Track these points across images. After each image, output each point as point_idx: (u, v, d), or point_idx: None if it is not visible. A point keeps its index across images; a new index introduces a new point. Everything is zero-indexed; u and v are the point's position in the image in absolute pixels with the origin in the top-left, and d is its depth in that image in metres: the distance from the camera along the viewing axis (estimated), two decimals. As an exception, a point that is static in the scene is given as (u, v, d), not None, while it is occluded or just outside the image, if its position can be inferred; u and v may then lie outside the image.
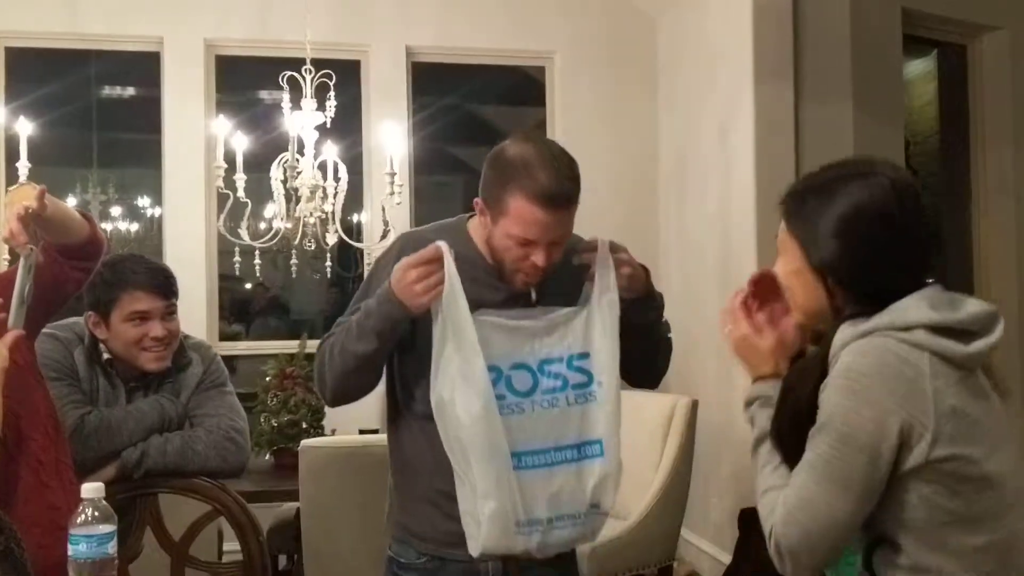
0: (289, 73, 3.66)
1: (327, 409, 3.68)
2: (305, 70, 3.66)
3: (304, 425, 3.55)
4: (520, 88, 5.78)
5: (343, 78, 4.03)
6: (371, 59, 4.88)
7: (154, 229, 5.88)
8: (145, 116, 5.02)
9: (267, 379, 3.63)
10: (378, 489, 2.81)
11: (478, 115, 7.08)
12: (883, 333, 1.34)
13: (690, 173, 4.76)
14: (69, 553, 1.37)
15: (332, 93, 3.70)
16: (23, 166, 3.57)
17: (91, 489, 1.40)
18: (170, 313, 2.13)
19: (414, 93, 5.01)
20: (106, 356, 2.13)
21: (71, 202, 5.96)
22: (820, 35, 4.15)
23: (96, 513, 1.39)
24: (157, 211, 5.77)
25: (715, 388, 4.25)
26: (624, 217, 5.06)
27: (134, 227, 6.28)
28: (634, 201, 5.07)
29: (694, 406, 3.69)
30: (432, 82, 5.33)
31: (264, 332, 6.21)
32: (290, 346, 4.39)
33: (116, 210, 6.03)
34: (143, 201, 5.89)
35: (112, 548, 1.39)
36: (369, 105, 4.88)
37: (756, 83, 4.09)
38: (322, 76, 3.68)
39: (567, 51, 5.09)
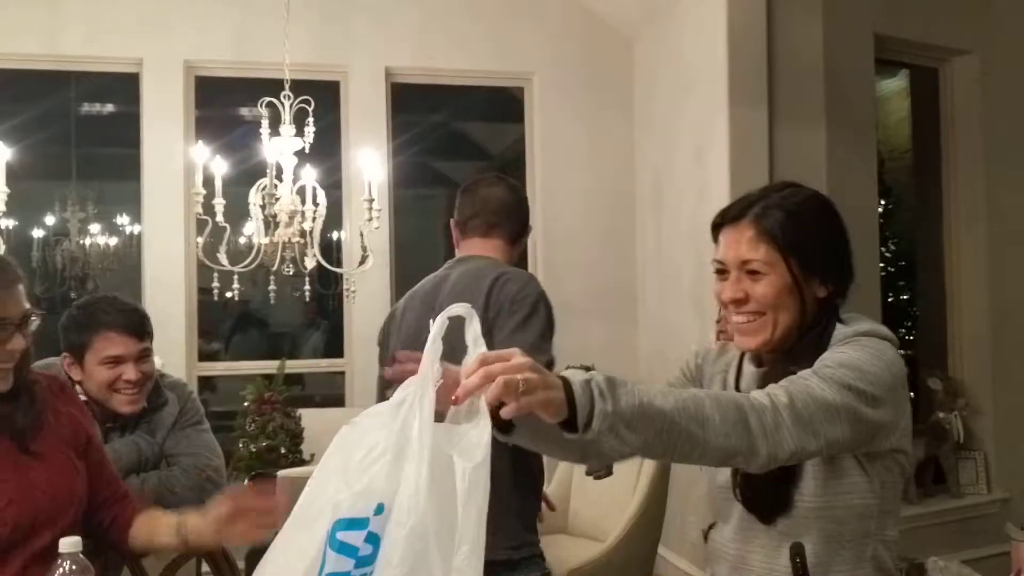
0: (268, 99, 3.68)
1: (305, 434, 3.71)
2: (284, 95, 3.68)
3: (283, 451, 3.57)
4: (501, 105, 5.82)
5: (321, 99, 4.05)
6: (350, 80, 4.91)
7: (133, 245, 5.88)
8: (124, 131, 5.03)
9: (245, 404, 3.64)
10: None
11: (459, 131, 7.11)
12: (878, 337, 1.47)
13: (666, 194, 4.82)
14: (45, 609, 1.39)
15: (311, 120, 3.71)
16: (1, 191, 3.56)
17: (68, 543, 1.42)
18: (144, 356, 2.15)
19: (395, 110, 5.05)
20: (83, 397, 2.14)
21: (49, 220, 5.96)
22: (793, 60, 4.21)
23: (74, 567, 1.41)
24: (136, 228, 5.78)
25: (691, 408, 4.29)
26: (601, 236, 5.12)
27: (112, 241, 6.27)
28: (612, 220, 5.13)
29: (670, 429, 3.72)
30: (413, 99, 5.36)
31: (243, 349, 6.22)
32: (269, 366, 4.43)
33: (95, 226, 6.01)
34: (123, 219, 5.88)
35: (87, 603, 1.41)
36: (348, 126, 4.91)
37: (731, 105, 4.15)
38: (301, 102, 3.69)
39: (545, 71, 5.13)
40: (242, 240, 4.48)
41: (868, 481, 1.46)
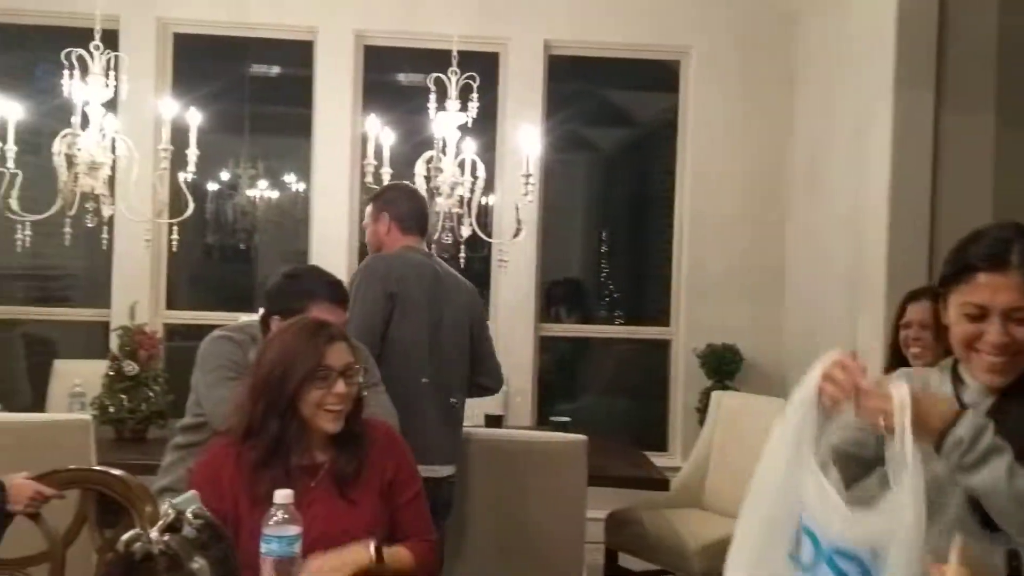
0: (436, 74, 3.84)
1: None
2: (451, 71, 3.83)
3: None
4: (652, 73, 5.83)
5: (479, 69, 4.19)
6: (510, 52, 5.04)
7: (298, 201, 6.23)
8: (293, 92, 5.33)
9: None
10: (507, 480, 3.02)
11: (607, 98, 7.14)
12: None
13: (822, 174, 4.76)
14: (262, 551, 1.60)
15: (475, 95, 3.85)
16: (192, 153, 3.87)
17: (282, 495, 1.63)
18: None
19: (548, 79, 5.16)
20: None
21: (223, 176, 6.36)
22: (965, 44, 4.07)
23: (286, 516, 1.62)
24: (301, 185, 6.11)
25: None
26: (750, 214, 5.11)
27: (275, 195, 6.63)
28: (762, 198, 5.10)
29: (814, 414, 3.74)
30: (562, 66, 5.44)
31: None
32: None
33: (263, 182, 6.39)
34: (289, 176, 6.22)
35: (297, 548, 1.62)
36: (506, 97, 5.05)
37: (896, 87, 4.05)
38: (467, 77, 3.85)
39: (703, 45, 5.12)
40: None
41: None
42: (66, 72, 3.59)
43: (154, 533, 1.22)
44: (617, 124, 7.50)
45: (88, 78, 3.62)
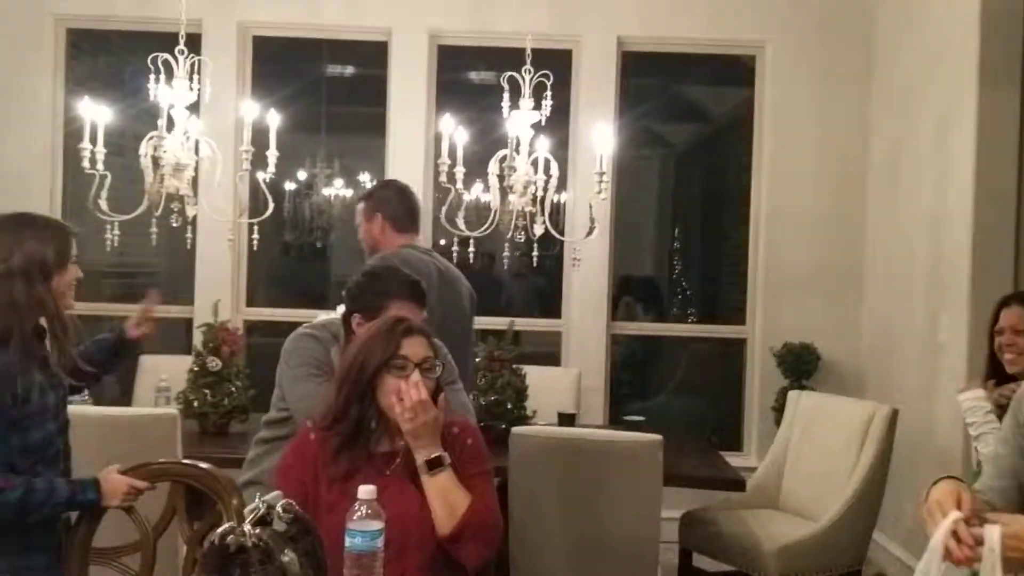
0: (509, 73, 3.85)
1: (528, 391, 3.93)
2: (525, 70, 3.85)
3: (508, 406, 3.80)
4: (726, 67, 5.76)
5: (551, 67, 4.19)
6: (583, 49, 5.04)
7: (371, 199, 6.32)
8: (368, 92, 5.40)
9: (476, 360, 3.89)
10: (582, 479, 3.03)
11: (680, 93, 7.07)
12: None
13: (903, 171, 4.65)
14: (345, 545, 1.63)
15: (549, 93, 3.86)
16: (272, 154, 3.95)
17: (366, 491, 1.66)
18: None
19: (621, 75, 5.14)
20: None
21: (301, 176, 6.49)
22: (1055, 38, 3.94)
23: (369, 511, 1.65)
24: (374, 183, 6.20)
25: (916, 396, 4.19)
26: (828, 209, 5.02)
27: (349, 193, 6.72)
28: (841, 194, 5.01)
29: (894, 416, 3.67)
30: (634, 62, 5.42)
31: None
32: (489, 322, 4.73)
33: (339, 181, 6.50)
34: (363, 175, 6.31)
35: (380, 543, 1.65)
36: (579, 94, 5.05)
37: (980, 84, 3.94)
38: (540, 76, 3.85)
39: (779, 40, 5.04)
40: (465, 198, 4.73)
41: None
42: (152, 76, 3.71)
43: (247, 526, 1.26)
44: (690, 120, 7.42)
45: (173, 82, 3.73)
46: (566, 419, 3.91)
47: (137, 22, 4.90)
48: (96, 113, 3.68)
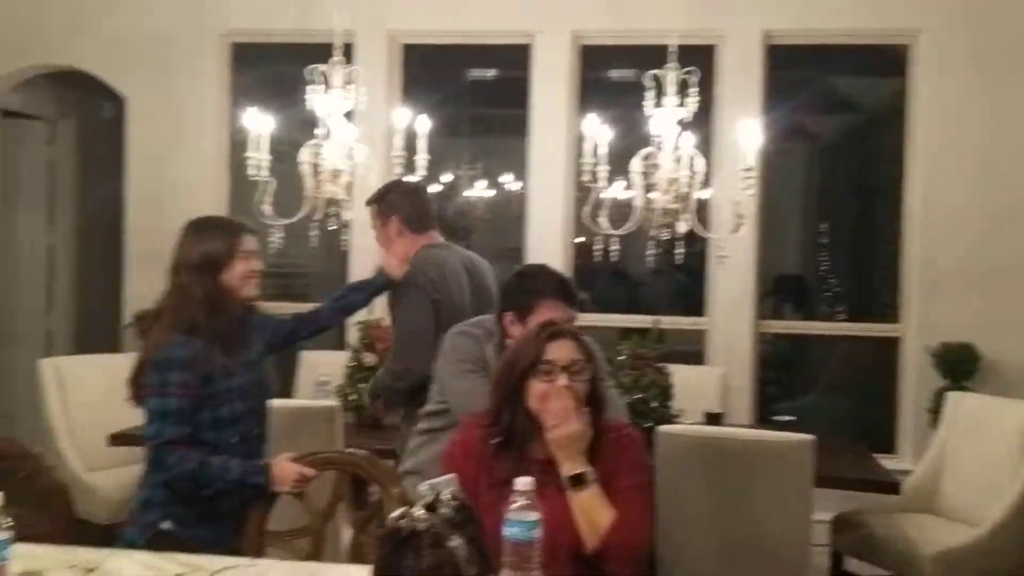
0: (653, 72, 3.86)
1: (674, 390, 3.93)
2: (669, 67, 3.84)
3: (653, 404, 3.80)
4: (875, 57, 5.57)
5: (693, 62, 4.16)
6: (727, 44, 4.98)
7: (512, 200, 6.43)
8: (509, 94, 5.50)
9: (620, 358, 3.92)
10: (730, 479, 3.02)
11: (827, 85, 6.88)
12: None
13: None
14: (503, 534, 1.70)
15: (693, 90, 3.84)
16: (421, 158, 4.09)
17: (523, 483, 1.72)
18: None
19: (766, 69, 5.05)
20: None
21: (445, 178, 6.67)
22: None
23: (526, 502, 1.71)
24: (516, 185, 6.31)
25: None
26: (988, 205, 4.79)
27: (489, 194, 6.86)
28: (1001, 188, 4.76)
29: (1063, 420, 3.48)
30: (783, 55, 5.30)
31: (604, 300, 6.56)
32: (629, 320, 4.75)
33: (481, 182, 6.65)
34: (505, 176, 6.43)
35: (536, 533, 1.71)
36: (724, 89, 4.99)
37: None
38: (685, 72, 3.84)
39: (934, 28, 4.84)
40: (604, 196, 4.75)
41: None
42: (309, 87, 3.91)
43: (418, 511, 1.34)
44: (838, 111, 7.21)
45: (329, 91, 3.92)
46: (713, 418, 3.88)
47: (295, 35, 5.15)
48: (260, 123, 3.91)
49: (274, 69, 5.89)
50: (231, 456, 2.30)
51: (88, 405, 4.13)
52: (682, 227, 4.10)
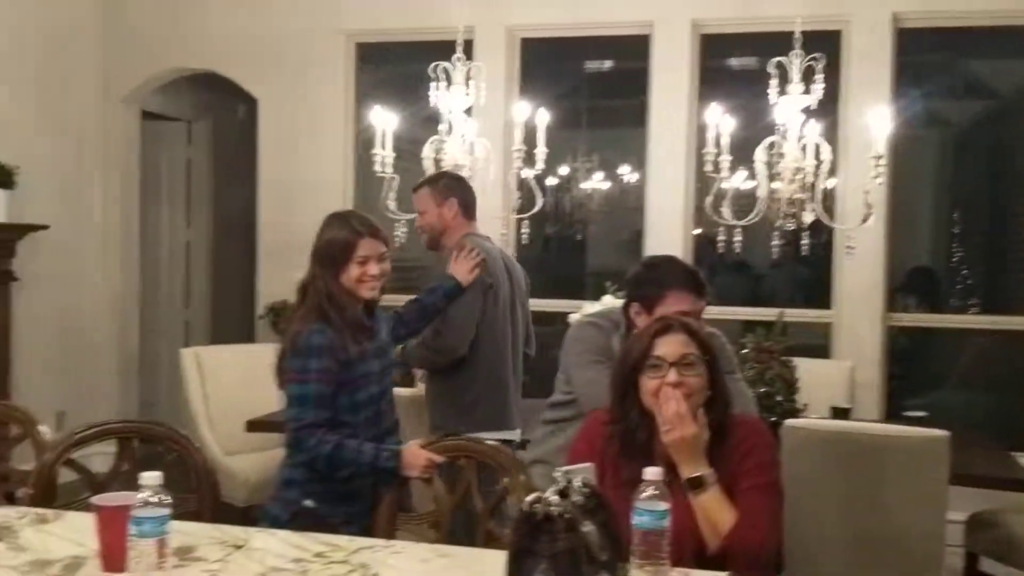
0: (777, 59, 3.78)
1: (799, 384, 3.85)
2: (793, 54, 3.76)
3: (778, 398, 3.74)
4: (1015, 40, 5.31)
5: (821, 48, 4.06)
6: (853, 29, 4.84)
7: (628, 192, 6.41)
8: (626, 85, 5.48)
9: (744, 351, 3.86)
10: (859, 475, 2.94)
11: (963, 71, 6.59)
12: None
13: None
14: (632, 523, 1.71)
15: (819, 76, 3.75)
16: (541, 151, 4.12)
17: (652, 472, 1.74)
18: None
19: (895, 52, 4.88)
20: None
21: (563, 171, 6.69)
22: None
23: (656, 492, 1.72)
24: (633, 176, 6.29)
25: None
26: None
27: (605, 186, 6.84)
28: None
29: None
30: (912, 39, 5.11)
31: (725, 292, 6.47)
32: (749, 312, 4.66)
33: (598, 174, 6.64)
34: (622, 168, 6.42)
35: (666, 523, 1.71)
36: (850, 75, 4.85)
37: None
38: (810, 59, 3.75)
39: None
40: (726, 186, 4.68)
41: None
42: (432, 83, 3.99)
43: (552, 496, 1.37)
44: (972, 96, 6.90)
45: (451, 87, 4.00)
46: (840, 413, 3.79)
47: (416, 33, 5.26)
48: (384, 120, 4.02)
49: (393, 68, 6.03)
50: (365, 440, 2.39)
51: (226, 392, 4.34)
52: (808, 217, 4.01)
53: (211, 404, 4.35)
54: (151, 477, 1.58)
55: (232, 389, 4.30)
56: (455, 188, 3.35)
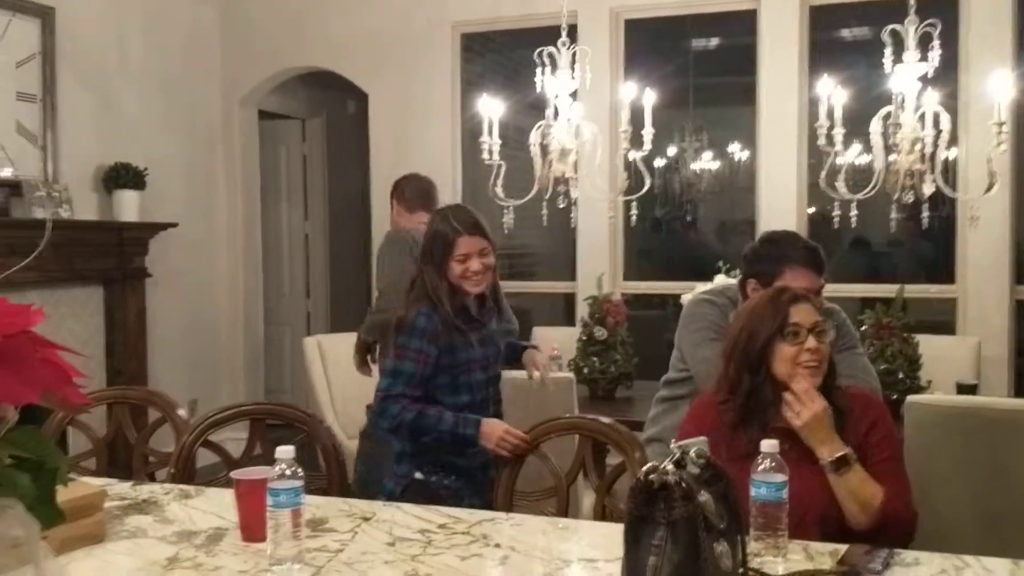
0: (892, 27, 3.67)
1: (922, 360, 3.74)
2: (908, 21, 3.64)
3: (900, 375, 3.65)
4: None
5: (938, 14, 3.90)
6: (973, -6, 4.65)
7: (739, 170, 6.30)
8: (734, 62, 5.37)
9: (863, 328, 3.78)
10: (988, 452, 2.85)
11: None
12: None
13: None
14: (751, 495, 1.72)
15: (935, 43, 3.62)
16: (648, 132, 4.11)
17: (768, 444, 1.73)
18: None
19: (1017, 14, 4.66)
20: None
21: (670, 151, 6.63)
22: None
23: (773, 464, 1.72)
24: (744, 154, 6.17)
25: None
26: None
27: (715, 166, 6.73)
28: None
29: None
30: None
31: (842, 269, 6.30)
32: (879, 289, 4.53)
33: (707, 153, 6.55)
34: (732, 146, 6.31)
35: (784, 495, 1.71)
36: (968, 39, 4.66)
37: None
38: (926, 26, 3.63)
39: None
40: (840, 161, 4.55)
41: None
42: (538, 69, 4.02)
43: (668, 465, 1.39)
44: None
45: (557, 72, 4.02)
46: (966, 390, 3.66)
47: (520, 20, 5.31)
48: (491, 108, 4.08)
49: (495, 56, 6.09)
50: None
51: (346, 378, 4.49)
52: (928, 189, 3.88)
53: (333, 390, 4.52)
54: (285, 451, 1.67)
55: (352, 375, 4.45)
56: (397, 188, 3.88)
